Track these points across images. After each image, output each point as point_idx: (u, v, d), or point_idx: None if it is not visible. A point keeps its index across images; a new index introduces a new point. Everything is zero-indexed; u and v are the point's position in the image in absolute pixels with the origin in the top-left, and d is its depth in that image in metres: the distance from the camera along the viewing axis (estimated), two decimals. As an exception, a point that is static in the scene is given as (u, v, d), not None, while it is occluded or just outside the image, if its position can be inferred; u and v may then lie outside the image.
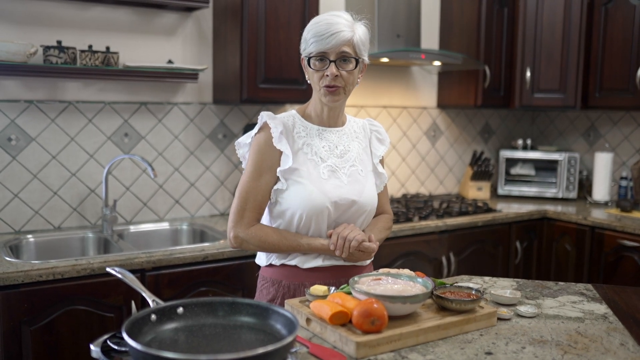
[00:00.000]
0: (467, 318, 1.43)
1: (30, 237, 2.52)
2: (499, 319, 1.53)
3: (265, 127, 1.70)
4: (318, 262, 1.70)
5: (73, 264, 2.10)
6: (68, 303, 2.10)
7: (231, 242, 1.70)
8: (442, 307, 1.48)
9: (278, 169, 1.67)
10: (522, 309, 1.57)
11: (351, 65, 1.66)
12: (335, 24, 1.62)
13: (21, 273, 2.01)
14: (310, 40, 1.64)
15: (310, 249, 1.68)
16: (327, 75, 1.64)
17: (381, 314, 1.30)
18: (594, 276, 3.22)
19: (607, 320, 1.55)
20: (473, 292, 1.51)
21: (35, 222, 2.62)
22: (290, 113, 1.76)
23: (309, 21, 2.78)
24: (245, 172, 1.70)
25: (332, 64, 1.63)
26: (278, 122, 1.69)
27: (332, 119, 1.77)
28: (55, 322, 2.08)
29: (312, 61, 1.66)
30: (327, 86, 1.65)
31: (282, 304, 1.67)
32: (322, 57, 1.64)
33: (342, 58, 1.64)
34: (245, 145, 1.76)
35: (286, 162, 1.66)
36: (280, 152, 1.67)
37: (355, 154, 1.76)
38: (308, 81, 1.72)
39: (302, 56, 1.70)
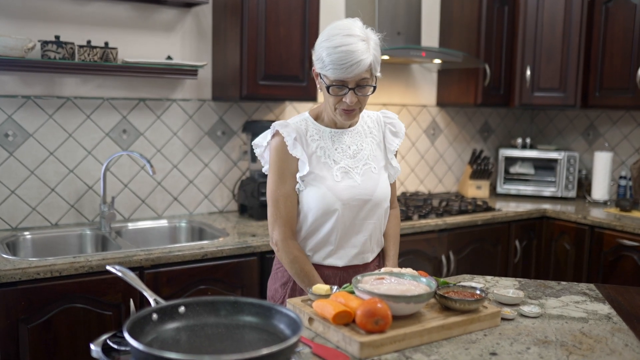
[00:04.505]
0: (471, 318, 1.42)
1: (27, 234, 2.49)
2: (503, 319, 1.52)
3: (278, 134, 1.74)
4: (333, 262, 1.76)
5: (71, 261, 2.08)
6: (66, 301, 2.07)
7: (274, 245, 1.78)
8: (446, 306, 1.46)
9: (297, 174, 1.73)
10: (526, 309, 1.56)
11: (369, 90, 1.68)
12: (354, 51, 1.59)
13: (18, 270, 1.98)
14: (328, 66, 1.62)
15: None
16: (345, 101, 1.66)
17: (385, 314, 1.29)
18: (593, 275, 3.21)
19: (611, 321, 1.54)
20: (477, 292, 1.49)
21: (32, 218, 2.59)
22: (303, 117, 1.80)
23: (309, 18, 2.81)
24: (270, 180, 1.76)
25: (352, 92, 1.65)
26: (291, 129, 1.72)
27: None
28: (53, 320, 2.06)
29: (331, 88, 1.66)
30: (345, 109, 1.68)
31: (294, 287, 1.78)
32: (341, 85, 1.65)
33: (361, 85, 1.65)
34: (261, 146, 1.80)
35: (303, 168, 1.72)
36: (297, 158, 1.72)
37: (368, 152, 1.80)
38: (320, 90, 1.74)
39: (315, 70, 1.70)
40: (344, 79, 1.62)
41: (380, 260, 1.91)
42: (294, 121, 1.76)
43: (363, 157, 1.78)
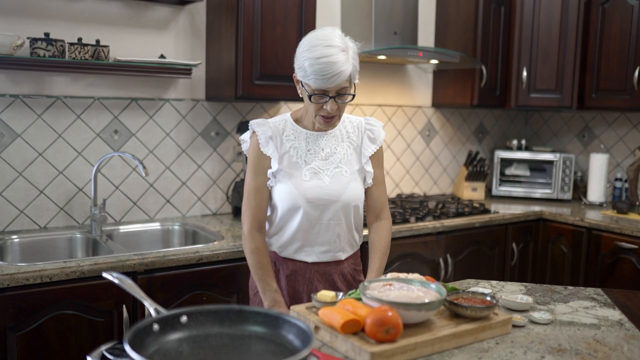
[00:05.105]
0: (482, 325, 1.37)
1: (15, 238, 2.41)
2: (513, 326, 1.47)
3: (255, 132, 1.85)
4: (303, 257, 1.84)
5: (62, 266, 2.01)
6: (56, 307, 2.00)
7: (243, 234, 1.87)
8: (456, 313, 1.42)
9: (269, 170, 1.83)
10: (536, 315, 1.52)
11: (348, 98, 1.75)
12: (335, 62, 1.66)
13: (7, 276, 1.90)
14: (310, 76, 1.69)
15: (264, 296, 1.78)
16: (326, 108, 1.74)
17: (396, 323, 1.24)
18: (590, 278, 3.19)
19: (623, 327, 1.50)
20: (487, 299, 1.45)
21: (21, 221, 2.51)
22: (284, 117, 1.89)
23: (306, 17, 2.76)
24: (247, 173, 1.86)
25: (332, 100, 1.72)
26: (266, 127, 1.83)
27: None
28: (43, 327, 1.98)
29: (313, 97, 1.72)
30: (324, 117, 1.76)
31: None
32: (322, 94, 1.72)
33: (341, 93, 1.73)
34: (246, 141, 1.91)
35: (274, 165, 1.82)
36: (269, 156, 1.82)
37: (341, 156, 1.86)
38: (300, 95, 1.79)
39: (297, 76, 1.76)
40: (325, 88, 1.69)
41: (359, 260, 1.97)
42: (274, 120, 1.87)
43: (335, 160, 1.84)
